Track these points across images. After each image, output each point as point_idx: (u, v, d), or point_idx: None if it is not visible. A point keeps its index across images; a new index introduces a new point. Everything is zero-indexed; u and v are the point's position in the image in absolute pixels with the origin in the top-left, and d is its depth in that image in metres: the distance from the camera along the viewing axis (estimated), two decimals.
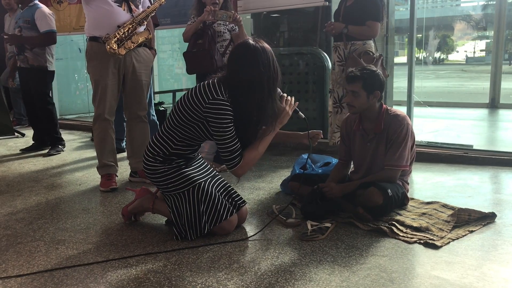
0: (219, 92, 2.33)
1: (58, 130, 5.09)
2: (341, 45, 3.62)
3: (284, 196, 3.19)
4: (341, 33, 3.57)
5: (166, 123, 2.47)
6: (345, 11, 3.60)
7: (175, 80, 8.81)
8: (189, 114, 2.37)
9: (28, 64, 4.75)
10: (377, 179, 2.67)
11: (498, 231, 2.46)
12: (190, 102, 2.37)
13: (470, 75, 18.31)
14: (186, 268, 2.10)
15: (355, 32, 3.52)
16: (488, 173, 3.67)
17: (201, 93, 2.35)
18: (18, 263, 2.21)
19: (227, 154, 2.38)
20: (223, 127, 2.32)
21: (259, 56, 2.32)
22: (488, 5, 18.66)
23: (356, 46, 3.54)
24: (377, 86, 2.71)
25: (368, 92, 2.69)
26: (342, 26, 3.53)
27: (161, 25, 5.17)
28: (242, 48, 2.37)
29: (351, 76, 2.72)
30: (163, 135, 2.46)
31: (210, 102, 2.31)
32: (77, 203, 3.17)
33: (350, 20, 3.53)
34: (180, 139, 2.43)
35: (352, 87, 2.71)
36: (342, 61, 3.64)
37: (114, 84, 3.40)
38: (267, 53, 2.35)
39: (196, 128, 2.39)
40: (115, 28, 3.30)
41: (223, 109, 2.31)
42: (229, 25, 3.84)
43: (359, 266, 2.08)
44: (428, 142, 4.45)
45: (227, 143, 2.35)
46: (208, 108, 2.31)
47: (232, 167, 2.41)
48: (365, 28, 3.50)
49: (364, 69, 2.74)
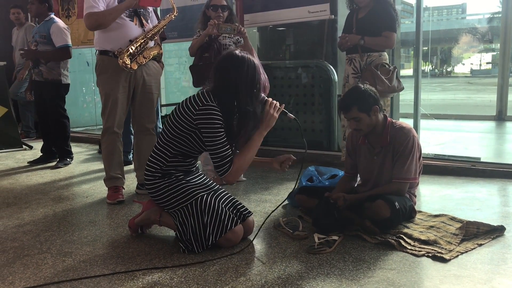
0: (208, 99, 2.40)
1: (69, 143, 5.13)
2: (356, 57, 3.60)
3: (291, 208, 3.18)
4: (355, 45, 3.56)
5: (160, 139, 2.52)
6: (358, 23, 3.58)
7: (181, 93, 8.86)
8: (181, 125, 2.42)
9: (42, 78, 4.80)
10: (385, 192, 2.66)
11: (507, 244, 2.43)
12: (181, 113, 2.44)
13: (476, 87, 18.28)
14: (192, 281, 2.09)
15: (372, 43, 3.51)
16: (496, 186, 3.65)
17: (191, 103, 2.43)
18: (25, 275, 2.21)
19: (218, 160, 2.41)
20: (214, 131, 2.37)
21: (239, 62, 2.42)
22: (493, 18, 18.70)
23: (373, 57, 3.54)
24: (372, 102, 2.69)
25: (367, 112, 2.69)
26: (358, 38, 3.52)
27: (169, 38, 5.21)
28: (226, 56, 2.50)
29: (344, 106, 2.72)
30: (157, 150, 2.52)
31: (200, 109, 2.37)
32: (84, 216, 3.18)
33: (365, 32, 3.51)
34: (174, 152, 2.47)
35: (350, 115, 2.71)
36: (357, 73, 3.61)
37: (124, 98, 3.43)
38: (250, 61, 2.43)
39: (189, 138, 2.43)
40: (127, 42, 3.33)
41: (213, 114, 2.36)
42: (235, 38, 3.87)
43: (366, 280, 2.06)
44: (436, 155, 4.43)
45: (218, 148, 2.39)
46: (198, 115, 2.37)
47: (223, 173, 2.43)
48: (382, 38, 3.49)
49: (352, 94, 2.73)
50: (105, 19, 3.25)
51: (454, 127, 7.82)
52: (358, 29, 3.57)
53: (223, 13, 3.82)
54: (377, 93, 2.77)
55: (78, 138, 6.72)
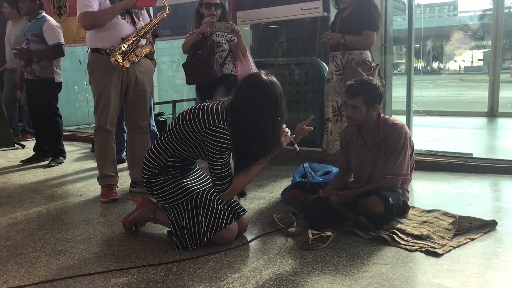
0: (221, 119, 2.34)
1: (62, 141, 5.10)
2: (338, 54, 3.67)
3: (285, 205, 3.19)
4: (338, 43, 3.62)
5: (164, 136, 2.49)
6: (341, 22, 3.66)
7: (175, 91, 8.85)
8: (187, 133, 2.39)
9: (35, 76, 4.77)
10: (379, 188, 2.68)
11: (499, 238, 2.46)
12: (190, 122, 2.38)
13: (468, 84, 18.39)
14: (187, 278, 2.10)
15: (352, 42, 3.57)
16: (488, 181, 3.68)
17: (203, 116, 2.36)
18: (19, 274, 2.20)
19: (218, 179, 2.40)
20: (218, 154, 2.34)
21: (268, 91, 2.34)
22: (485, 15, 18.81)
23: (354, 55, 3.59)
24: (377, 100, 2.72)
25: (368, 106, 2.70)
26: (339, 36, 3.59)
27: (161, 36, 5.20)
28: (253, 80, 2.40)
29: (352, 91, 2.71)
30: (158, 147, 2.49)
31: (210, 128, 2.32)
32: (77, 214, 3.17)
33: (346, 30, 3.59)
34: (174, 154, 2.46)
35: (352, 101, 2.71)
36: (339, 70, 3.67)
37: (117, 96, 3.42)
38: (276, 90, 2.37)
39: (192, 147, 2.41)
40: (119, 40, 3.32)
41: (222, 137, 2.32)
42: (228, 36, 3.87)
43: (360, 275, 2.08)
44: (428, 151, 4.46)
45: (220, 168, 2.38)
46: (206, 133, 2.33)
47: (220, 191, 2.44)
48: (362, 37, 3.56)
49: (365, 83, 2.73)
50: (101, 19, 3.24)
51: (446, 124, 7.87)
52: (341, 27, 3.65)
53: (216, 11, 3.82)
54: (383, 93, 2.79)
55: (71, 137, 6.69)
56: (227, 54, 3.90)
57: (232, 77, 3.90)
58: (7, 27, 6.27)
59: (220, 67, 3.83)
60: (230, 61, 3.93)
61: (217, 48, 3.85)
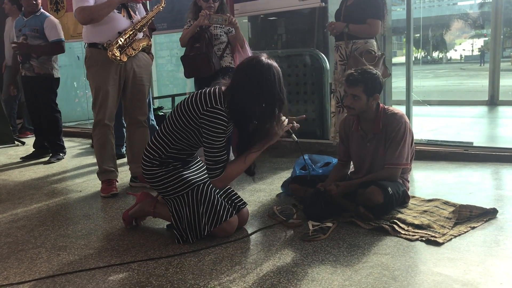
0: (218, 101, 2.34)
1: (62, 137, 5.10)
2: (342, 44, 3.62)
3: (285, 197, 3.19)
4: (342, 33, 3.57)
5: (163, 127, 2.48)
6: (346, 11, 3.60)
7: (174, 85, 8.82)
8: (186, 119, 2.38)
9: (34, 73, 4.75)
10: (378, 178, 2.67)
11: (500, 226, 2.45)
12: (189, 107, 2.38)
13: (468, 73, 18.32)
14: (188, 271, 2.10)
15: (356, 31, 3.52)
16: (488, 170, 3.67)
17: (200, 100, 2.36)
18: (20, 270, 2.21)
19: (211, 163, 2.38)
20: (214, 136, 2.33)
21: (264, 71, 2.31)
22: (484, 3, 18.69)
23: (358, 45, 3.54)
24: (378, 89, 2.71)
25: (368, 96, 2.69)
26: (343, 25, 3.54)
27: (158, 30, 5.17)
28: (251, 60, 2.38)
29: (352, 80, 2.70)
30: (159, 138, 2.48)
31: (207, 109, 2.32)
32: (78, 209, 3.17)
33: (351, 19, 3.53)
34: (175, 144, 2.44)
35: (352, 90, 2.70)
36: (343, 60, 3.63)
37: (115, 90, 3.41)
38: (272, 70, 2.34)
39: (191, 134, 2.40)
40: (116, 34, 3.31)
41: (219, 119, 2.31)
42: (226, 28, 3.85)
43: (361, 265, 2.07)
44: (428, 140, 4.44)
45: (215, 152, 2.36)
46: (204, 115, 2.32)
47: (213, 177, 2.41)
48: (366, 26, 3.50)
49: (365, 72, 2.71)
50: (98, 14, 3.22)
51: (447, 113, 7.84)
52: (345, 16, 3.59)
53: (214, 4, 3.79)
54: (383, 83, 2.78)
55: (70, 133, 6.68)
56: (225, 47, 3.88)
57: (231, 70, 3.88)
58: (6, 23, 6.25)
59: (219, 59, 3.81)
60: (228, 54, 3.90)
61: (216, 41, 3.83)
